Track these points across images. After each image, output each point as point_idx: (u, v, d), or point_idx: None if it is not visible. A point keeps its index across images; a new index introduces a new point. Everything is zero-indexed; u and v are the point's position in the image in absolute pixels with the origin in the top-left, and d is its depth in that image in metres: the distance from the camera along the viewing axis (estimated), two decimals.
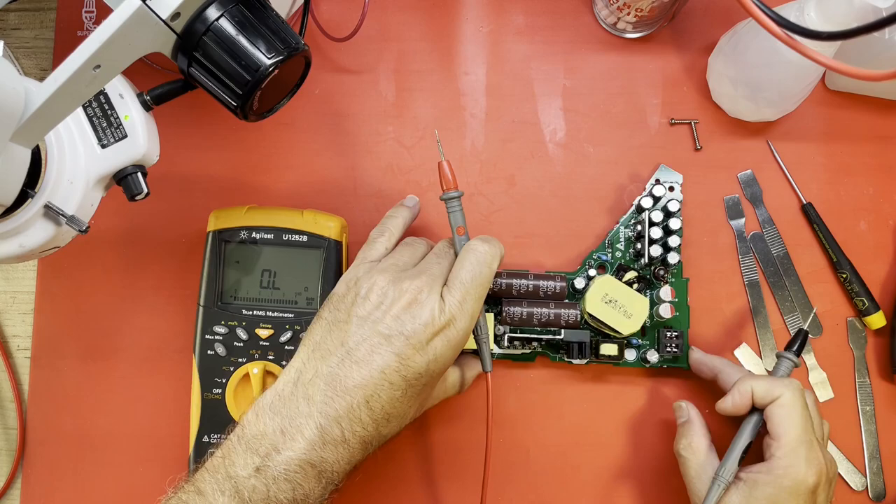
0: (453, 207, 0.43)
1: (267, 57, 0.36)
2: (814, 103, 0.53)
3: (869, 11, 0.39)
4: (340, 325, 0.40)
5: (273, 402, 0.38)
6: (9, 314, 0.54)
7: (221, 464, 0.37)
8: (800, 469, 0.41)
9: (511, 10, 0.55)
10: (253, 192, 0.54)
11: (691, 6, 0.54)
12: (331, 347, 0.39)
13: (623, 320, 0.48)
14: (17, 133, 0.32)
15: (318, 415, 0.37)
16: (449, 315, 0.39)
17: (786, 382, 0.43)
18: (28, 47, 0.56)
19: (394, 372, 0.38)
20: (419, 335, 0.38)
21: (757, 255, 0.53)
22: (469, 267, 0.41)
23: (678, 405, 0.48)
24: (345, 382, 0.38)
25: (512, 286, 0.49)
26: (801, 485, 0.41)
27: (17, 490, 0.52)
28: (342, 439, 0.37)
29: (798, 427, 0.42)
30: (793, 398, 0.42)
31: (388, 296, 0.40)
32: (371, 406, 0.38)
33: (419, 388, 0.39)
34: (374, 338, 0.38)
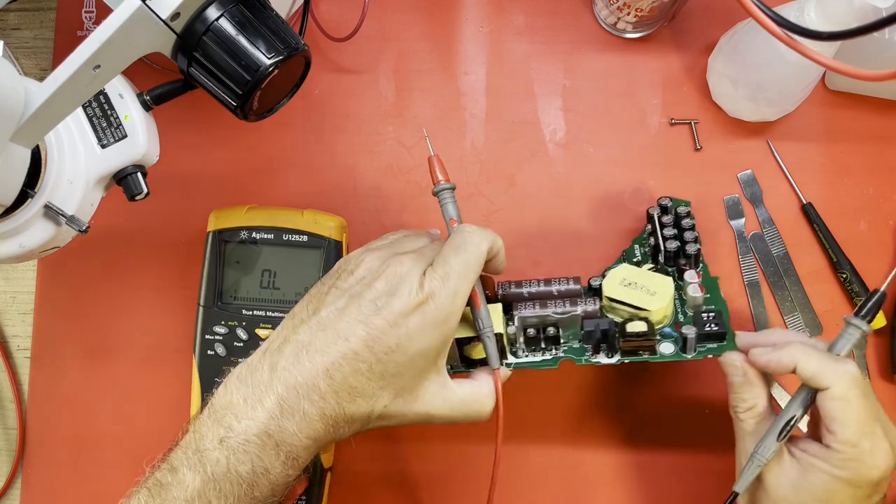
0: (445, 199, 0.42)
1: (267, 57, 0.36)
2: (814, 103, 0.53)
3: (869, 11, 0.39)
4: (319, 297, 0.39)
5: (241, 372, 0.37)
6: (9, 314, 0.54)
7: (192, 438, 0.36)
8: (863, 463, 0.37)
9: (511, 10, 0.55)
10: (253, 192, 0.54)
11: (691, 6, 0.54)
12: (304, 316, 0.38)
13: (646, 297, 0.42)
14: (16, 133, 0.32)
15: (279, 383, 0.36)
16: (428, 291, 0.37)
17: (838, 369, 0.37)
18: (28, 47, 0.56)
19: (360, 341, 0.36)
20: (392, 307, 0.36)
21: (757, 256, 0.53)
22: (454, 244, 0.39)
23: (731, 362, 0.41)
24: (308, 349, 0.36)
25: (522, 290, 0.45)
26: (862, 479, 0.37)
27: (17, 490, 0.52)
28: (300, 409, 0.36)
29: (856, 421, 0.37)
30: (846, 389, 0.37)
31: (371, 271, 0.39)
32: (332, 375, 0.36)
33: (391, 367, 0.37)
34: (349, 309, 0.37)
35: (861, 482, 0.37)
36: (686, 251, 0.46)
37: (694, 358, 0.43)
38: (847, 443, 0.37)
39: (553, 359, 0.44)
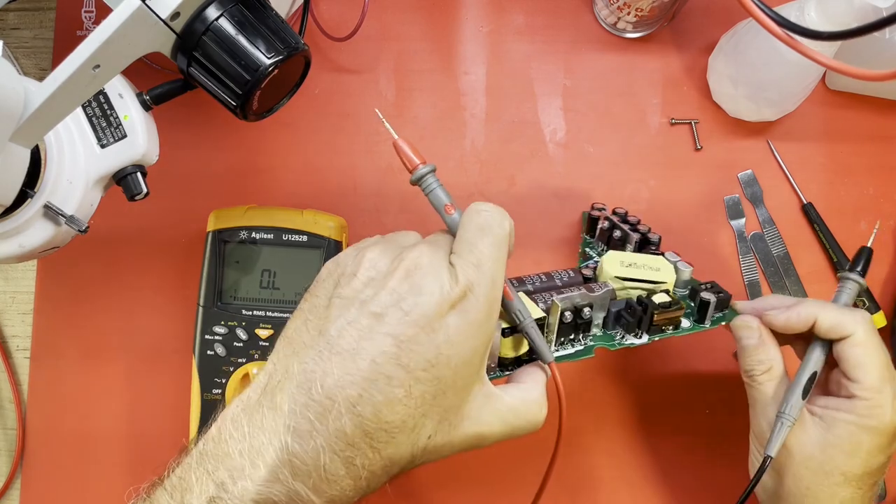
0: (429, 186, 0.35)
1: (266, 57, 0.35)
2: (814, 103, 0.53)
3: (869, 11, 0.39)
4: (319, 312, 0.31)
5: (236, 414, 0.29)
6: (8, 314, 0.54)
7: (178, 485, 0.29)
8: (886, 410, 0.37)
9: (511, 9, 0.55)
10: (253, 192, 0.54)
11: (691, 6, 0.54)
12: (306, 340, 0.30)
13: (654, 273, 0.42)
14: (16, 133, 0.32)
15: (284, 430, 0.28)
16: (464, 282, 0.29)
17: (857, 317, 0.38)
18: (27, 47, 0.56)
19: (390, 360, 0.28)
20: (423, 309, 0.29)
21: (757, 255, 0.53)
22: (476, 227, 0.32)
23: (745, 324, 0.41)
24: (322, 382, 0.28)
25: (524, 282, 0.43)
26: (888, 426, 0.37)
27: (17, 490, 0.52)
28: (318, 465, 0.27)
29: (878, 367, 0.37)
30: (867, 335, 0.37)
31: (379, 269, 0.31)
32: (359, 412, 0.28)
33: (432, 386, 0.29)
34: (363, 320, 0.29)
35: (885, 429, 0.37)
36: (650, 239, 0.46)
37: (710, 327, 0.42)
38: (871, 388, 0.37)
39: (586, 348, 0.41)
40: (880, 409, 0.37)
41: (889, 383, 0.37)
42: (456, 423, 0.31)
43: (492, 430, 0.32)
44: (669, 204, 0.53)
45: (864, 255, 0.43)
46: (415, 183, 0.35)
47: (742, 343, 0.41)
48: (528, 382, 0.35)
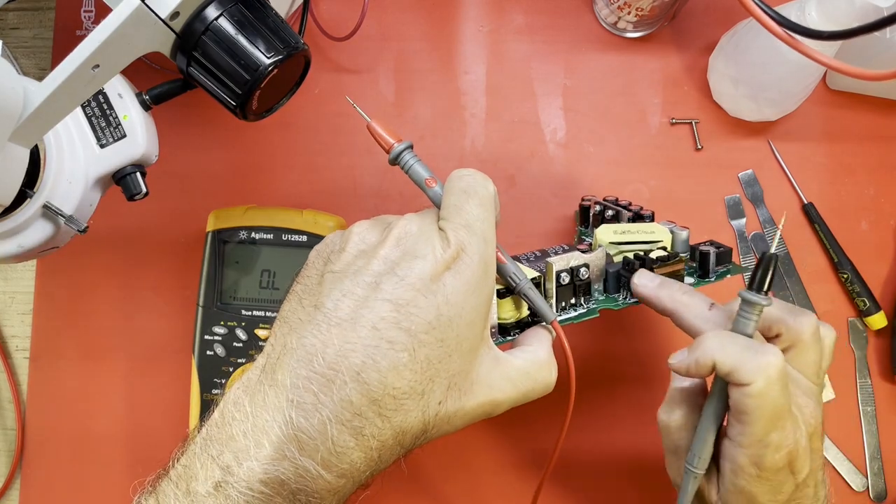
0: (407, 163, 0.34)
1: (266, 56, 0.35)
2: (815, 103, 0.53)
3: (870, 11, 0.38)
4: (313, 290, 0.31)
5: (237, 396, 0.29)
6: (7, 314, 0.54)
7: (183, 474, 0.28)
8: (766, 458, 0.32)
9: (511, 9, 0.55)
10: (253, 192, 0.54)
11: (692, 5, 0.54)
12: (302, 316, 0.30)
13: (650, 235, 0.41)
14: (15, 133, 0.32)
15: (288, 405, 0.27)
16: (456, 243, 0.29)
17: (760, 364, 0.31)
18: (27, 47, 0.56)
19: (391, 325, 0.28)
20: (419, 272, 0.29)
21: (758, 255, 0.53)
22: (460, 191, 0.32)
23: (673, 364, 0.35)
24: (324, 354, 0.27)
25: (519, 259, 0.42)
26: (770, 470, 0.32)
27: (17, 490, 0.52)
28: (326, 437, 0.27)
29: (767, 418, 0.31)
30: (765, 387, 0.31)
31: (368, 241, 0.31)
32: (365, 379, 0.27)
33: (435, 349, 0.28)
34: (358, 290, 0.29)
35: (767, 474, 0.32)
36: (643, 216, 0.44)
37: (716, 280, 0.41)
38: (753, 437, 0.32)
39: (589, 310, 0.40)
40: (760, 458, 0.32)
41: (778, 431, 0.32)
42: (466, 389, 0.30)
43: (504, 395, 0.31)
44: (670, 204, 0.53)
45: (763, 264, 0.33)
46: (393, 162, 0.35)
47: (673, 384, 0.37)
48: (533, 344, 0.34)
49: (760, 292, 0.32)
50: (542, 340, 0.34)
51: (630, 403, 0.51)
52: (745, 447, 0.32)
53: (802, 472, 0.33)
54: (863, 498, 0.50)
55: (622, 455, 0.51)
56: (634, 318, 0.52)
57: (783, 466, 0.32)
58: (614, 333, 0.52)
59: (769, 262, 0.32)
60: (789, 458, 0.32)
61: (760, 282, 0.32)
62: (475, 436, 0.51)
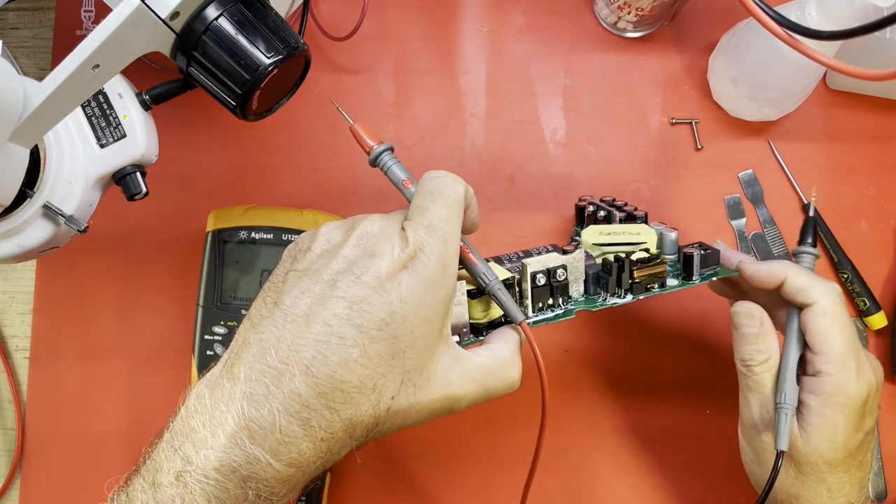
0: (386, 164, 0.36)
1: (266, 56, 0.35)
2: (815, 103, 0.53)
3: (870, 11, 0.38)
4: (277, 287, 0.32)
5: (200, 390, 0.30)
6: (7, 314, 0.54)
7: (150, 467, 0.30)
8: (851, 384, 0.36)
9: (511, 9, 0.55)
10: (253, 192, 0.54)
11: (692, 5, 0.54)
12: (263, 313, 0.31)
13: (635, 237, 0.42)
14: (15, 133, 0.32)
15: (241, 397, 0.28)
16: (414, 243, 0.30)
17: (824, 286, 0.37)
18: (27, 47, 0.56)
19: (343, 322, 0.29)
20: (375, 271, 0.30)
21: (758, 256, 0.53)
22: (428, 192, 0.32)
23: (748, 312, 0.39)
24: (277, 348, 0.29)
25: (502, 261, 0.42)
26: (856, 400, 0.36)
27: (16, 491, 0.52)
28: (274, 427, 0.28)
29: (843, 338, 0.37)
30: (833, 305, 0.37)
31: (333, 241, 0.32)
32: (314, 373, 0.28)
33: (388, 345, 0.29)
34: (316, 287, 0.30)
35: (853, 404, 0.36)
36: (635, 217, 0.44)
37: (700, 283, 0.41)
38: (836, 360, 0.36)
39: (566, 311, 0.40)
40: (846, 383, 0.36)
41: (853, 355, 0.37)
42: (421, 385, 0.31)
43: (463, 392, 0.32)
44: (670, 204, 0.53)
45: (809, 225, 0.42)
46: (373, 164, 0.36)
47: (742, 331, 0.39)
48: (498, 343, 0.35)
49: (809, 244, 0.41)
50: (508, 339, 0.35)
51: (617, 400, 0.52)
52: (830, 374, 0.36)
53: (873, 415, 0.37)
54: None
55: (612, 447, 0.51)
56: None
57: (865, 399, 0.36)
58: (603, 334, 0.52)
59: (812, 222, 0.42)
60: (868, 390, 0.36)
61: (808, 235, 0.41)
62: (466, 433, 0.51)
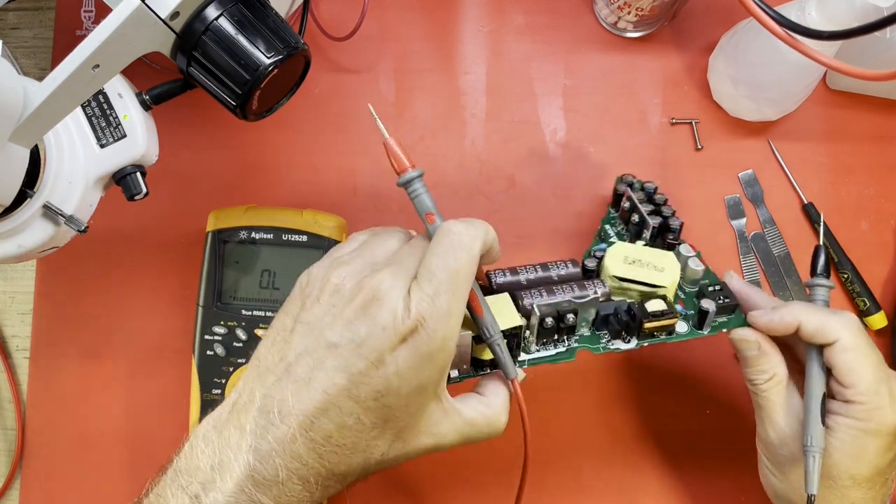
0: (415, 191, 0.35)
1: (266, 56, 0.35)
2: (815, 103, 0.53)
3: (870, 11, 0.38)
4: (285, 335, 0.33)
5: (207, 431, 0.32)
6: (8, 314, 0.54)
7: (156, 502, 0.31)
8: (885, 411, 0.37)
9: (511, 9, 0.55)
10: (253, 192, 0.54)
11: (692, 5, 0.54)
12: (270, 364, 0.32)
13: (656, 274, 0.41)
14: (15, 133, 0.32)
15: (248, 449, 0.31)
16: (416, 315, 0.31)
17: (841, 320, 0.37)
18: (27, 47, 0.56)
19: (341, 392, 0.30)
20: (375, 342, 0.30)
21: (758, 255, 0.53)
22: (441, 252, 0.32)
23: (743, 338, 0.40)
24: (280, 408, 0.31)
25: (518, 277, 0.41)
26: (890, 426, 0.37)
27: (17, 490, 0.52)
28: (276, 480, 0.30)
29: (870, 369, 0.37)
30: (854, 338, 0.37)
31: (342, 295, 0.32)
32: (311, 437, 0.31)
33: (382, 412, 0.31)
34: (319, 350, 0.31)
35: (887, 430, 0.37)
36: (670, 226, 0.44)
37: (709, 334, 0.41)
38: (867, 392, 0.37)
39: (569, 350, 0.40)
40: (879, 410, 0.37)
41: (885, 383, 0.37)
42: (410, 439, 0.33)
43: (449, 441, 0.34)
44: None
45: (819, 254, 0.41)
46: (402, 185, 0.36)
47: (743, 354, 0.40)
48: (489, 396, 0.36)
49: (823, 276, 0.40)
50: (499, 394, 0.36)
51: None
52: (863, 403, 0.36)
53: None
54: None
55: None
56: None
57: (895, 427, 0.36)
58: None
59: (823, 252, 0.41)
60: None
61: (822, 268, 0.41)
62: None
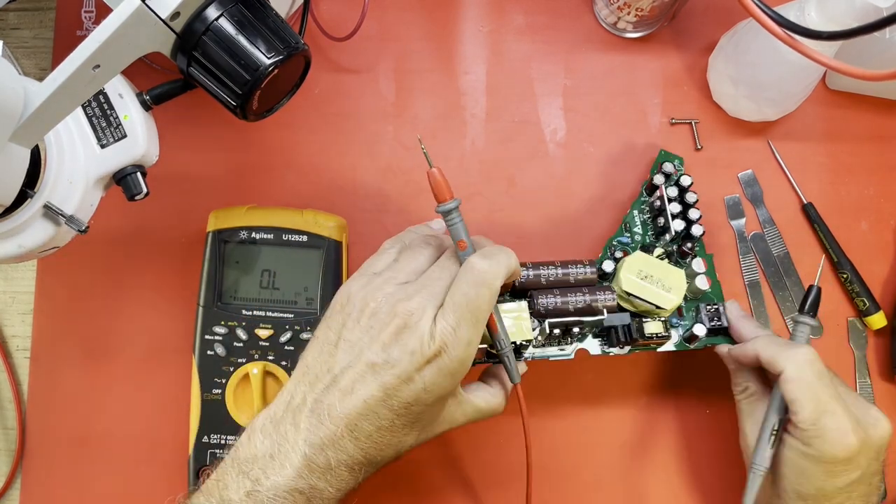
0: (452, 220, 0.39)
1: (266, 56, 0.36)
2: (814, 103, 0.53)
3: (869, 11, 0.39)
4: (330, 349, 0.39)
5: (265, 424, 0.38)
6: (8, 314, 0.54)
7: (215, 486, 0.37)
8: (825, 441, 0.39)
9: (511, 9, 0.55)
10: (253, 192, 0.54)
11: (692, 6, 0.54)
12: (319, 373, 0.38)
13: (663, 295, 0.45)
14: (16, 133, 0.32)
15: (304, 443, 0.36)
16: (440, 342, 0.36)
17: (789, 354, 0.41)
18: (27, 47, 0.56)
19: (379, 403, 0.36)
20: (406, 364, 0.36)
21: (758, 256, 0.53)
22: (465, 288, 0.37)
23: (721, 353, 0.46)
24: (329, 411, 0.37)
25: (540, 276, 0.45)
26: (828, 456, 0.39)
27: (17, 490, 0.52)
28: (328, 467, 0.36)
29: (812, 401, 0.39)
30: (798, 371, 0.40)
31: (379, 318, 0.38)
32: (356, 435, 0.37)
33: (411, 416, 0.37)
34: (360, 366, 0.37)
35: (828, 459, 0.39)
36: (692, 234, 0.47)
37: (695, 348, 0.46)
38: (807, 421, 0.39)
39: (569, 351, 0.46)
40: (819, 439, 0.39)
41: (830, 415, 0.39)
42: (431, 429, 0.40)
43: (459, 423, 0.41)
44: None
45: (811, 293, 0.44)
46: (440, 212, 0.39)
47: (728, 367, 0.46)
48: (494, 387, 0.43)
49: (809, 315, 0.44)
50: (505, 384, 0.43)
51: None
52: (805, 430, 0.39)
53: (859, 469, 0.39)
54: None
55: None
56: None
57: (846, 457, 0.39)
58: None
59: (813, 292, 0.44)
60: (850, 451, 0.39)
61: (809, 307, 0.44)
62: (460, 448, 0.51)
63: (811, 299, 0.44)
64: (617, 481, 0.51)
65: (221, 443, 0.48)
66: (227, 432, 0.48)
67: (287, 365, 0.48)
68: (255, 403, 0.47)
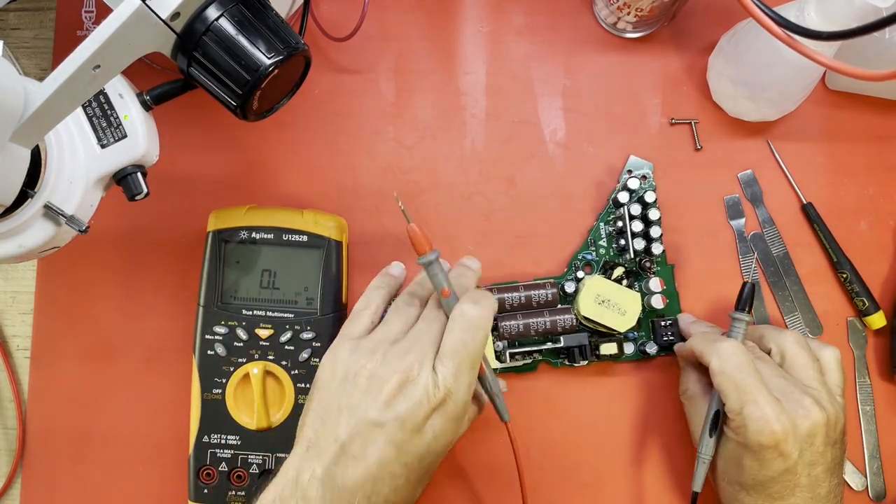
0: (433, 271, 0.41)
1: (267, 57, 0.36)
2: (814, 103, 0.53)
3: (869, 11, 0.39)
4: (331, 417, 0.38)
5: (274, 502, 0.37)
6: (8, 314, 0.54)
7: None
8: (748, 430, 0.40)
9: (511, 10, 0.55)
10: (253, 192, 0.54)
11: (692, 6, 0.54)
12: (324, 444, 0.38)
13: (618, 318, 0.48)
14: (16, 133, 0.32)
15: None
16: (444, 390, 0.37)
17: (715, 348, 0.43)
18: (28, 47, 0.56)
19: (393, 461, 0.36)
20: (414, 416, 0.36)
21: (757, 255, 0.53)
22: (459, 335, 0.38)
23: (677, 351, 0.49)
24: (343, 482, 0.36)
25: (504, 301, 0.49)
26: (754, 443, 0.40)
27: (17, 490, 0.52)
28: None
29: (734, 391, 0.41)
30: (721, 364, 0.42)
31: (378, 378, 0.38)
32: (373, 501, 0.36)
33: (423, 468, 0.38)
34: (367, 428, 0.37)
35: (755, 447, 0.40)
36: (651, 251, 0.50)
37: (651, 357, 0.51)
38: (732, 411, 0.41)
39: (533, 362, 0.51)
40: (743, 428, 0.40)
41: (754, 405, 0.40)
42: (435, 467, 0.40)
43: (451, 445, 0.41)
44: (670, 204, 0.53)
45: (744, 291, 0.45)
46: (422, 264, 0.41)
47: None
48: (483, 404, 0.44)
49: (743, 311, 0.45)
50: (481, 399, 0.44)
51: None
52: (730, 418, 0.41)
53: (790, 459, 0.40)
54: (862, 497, 0.50)
55: None
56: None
57: (770, 444, 0.40)
58: None
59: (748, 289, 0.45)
60: (775, 438, 0.39)
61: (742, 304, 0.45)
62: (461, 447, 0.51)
63: (745, 296, 0.45)
64: (617, 481, 0.51)
65: (222, 442, 0.48)
66: (228, 432, 0.48)
67: (287, 365, 0.48)
68: (255, 403, 0.47)
